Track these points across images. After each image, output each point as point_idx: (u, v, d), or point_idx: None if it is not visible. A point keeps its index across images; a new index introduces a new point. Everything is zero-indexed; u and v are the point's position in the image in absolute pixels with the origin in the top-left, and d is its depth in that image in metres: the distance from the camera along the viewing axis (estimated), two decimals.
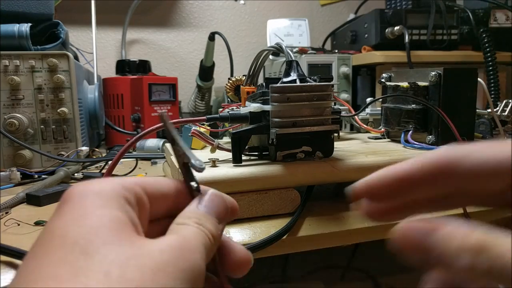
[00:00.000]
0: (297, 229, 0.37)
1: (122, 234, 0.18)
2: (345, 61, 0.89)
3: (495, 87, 0.82)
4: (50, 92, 0.60)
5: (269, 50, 0.48)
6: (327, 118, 0.41)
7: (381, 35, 0.91)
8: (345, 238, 0.37)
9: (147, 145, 0.76)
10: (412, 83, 0.53)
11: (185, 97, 1.17)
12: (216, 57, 1.07)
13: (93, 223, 0.18)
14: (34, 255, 0.17)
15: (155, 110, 0.91)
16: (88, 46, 1.02)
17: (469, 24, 0.90)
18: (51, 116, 0.61)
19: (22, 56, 0.59)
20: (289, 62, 0.43)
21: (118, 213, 0.19)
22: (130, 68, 0.98)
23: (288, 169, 0.40)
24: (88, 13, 0.89)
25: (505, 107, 0.56)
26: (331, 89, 0.42)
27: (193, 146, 0.56)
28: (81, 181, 0.58)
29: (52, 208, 0.44)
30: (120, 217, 0.19)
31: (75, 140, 0.62)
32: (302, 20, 1.10)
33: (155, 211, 0.22)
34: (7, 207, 0.44)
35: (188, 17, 1.26)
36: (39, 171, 0.59)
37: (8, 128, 0.57)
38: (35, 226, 0.38)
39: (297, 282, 0.70)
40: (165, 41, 1.25)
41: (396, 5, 1.10)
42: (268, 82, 0.42)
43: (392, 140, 0.61)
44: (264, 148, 0.45)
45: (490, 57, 0.83)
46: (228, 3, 1.29)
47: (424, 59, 0.88)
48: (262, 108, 0.41)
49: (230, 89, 0.58)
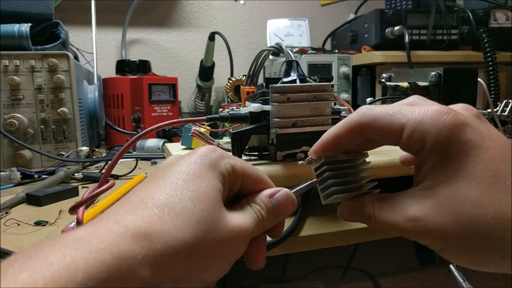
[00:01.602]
0: (297, 229, 0.37)
1: (215, 197, 0.24)
2: (345, 61, 0.89)
3: (495, 87, 0.82)
4: (50, 92, 0.60)
5: (269, 50, 0.48)
6: (327, 118, 0.41)
7: (381, 35, 0.91)
8: (345, 238, 0.37)
9: (147, 145, 0.76)
10: (412, 83, 0.53)
11: (185, 97, 1.17)
12: (216, 57, 1.08)
13: (204, 189, 0.24)
14: (151, 179, 0.25)
15: (155, 110, 0.91)
16: (88, 46, 1.02)
17: (469, 24, 0.90)
18: (51, 116, 0.61)
19: (22, 56, 0.59)
20: (289, 62, 0.43)
21: (219, 186, 0.25)
22: (130, 68, 0.98)
23: (288, 169, 0.40)
24: (88, 13, 0.89)
25: (505, 107, 0.56)
26: (331, 89, 0.42)
27: (193, 146, 0.56)
28: (81, 181, 0.58)
29: (52, 208, 0.44)
30: (219, 191, 0.25)
31: (75, 140, 0.62)
32: (302, 20, 1.10)
33: (244, 189, 0.28)
34: (7, 207, 0.44)
35: (188, 17, 1.26)
36: (39, 171, 0.59)
37: (8, 128, 0.57)
38: (35, 226, 0.38)
39: (297, 282, 0.70)
40: (165, 41, 1.25)
41: (396, 5, 1.10)
42: (268, 82, 0.42)
43: None
44: (264, 148, 0.45)
45: (490, 57, 0.83)
46: (228, 3, 1.29)
47: (424, 59, 0.88)
48: (262, 108, 0.41)
49: (230, 89, 0.58)
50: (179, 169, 0.25)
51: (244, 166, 0.28)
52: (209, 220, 0.23)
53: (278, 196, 0.28)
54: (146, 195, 0.22)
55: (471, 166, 0.24)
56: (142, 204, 0.22)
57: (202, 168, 0.25)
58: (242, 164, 0.28)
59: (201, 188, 0.24)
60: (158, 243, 0.20)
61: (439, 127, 0.25)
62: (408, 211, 0.26)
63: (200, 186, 0.24)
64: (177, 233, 0.21)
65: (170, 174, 0.24)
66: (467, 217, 0.23)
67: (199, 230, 0.22)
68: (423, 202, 0.25)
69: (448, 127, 0.24)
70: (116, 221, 0.20)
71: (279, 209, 0.28)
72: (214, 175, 0.25)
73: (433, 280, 0.68)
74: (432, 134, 0.25)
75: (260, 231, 0.27)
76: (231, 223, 0.24)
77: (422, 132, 0.25)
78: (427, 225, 0.25)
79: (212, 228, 0.23)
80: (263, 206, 0.27)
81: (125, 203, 0.22)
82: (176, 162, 0.26)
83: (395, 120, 0.26)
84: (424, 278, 0.69)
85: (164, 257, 0.20)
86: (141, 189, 0.24)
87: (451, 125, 0.24)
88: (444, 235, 0.24)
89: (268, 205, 0.28)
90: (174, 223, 0.21)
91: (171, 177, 0.24)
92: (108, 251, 0.18)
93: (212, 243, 0.23)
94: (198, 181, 0.24)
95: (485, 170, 0.24)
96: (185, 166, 0.25)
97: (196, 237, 0.22)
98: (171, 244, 0.20)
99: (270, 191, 0.29)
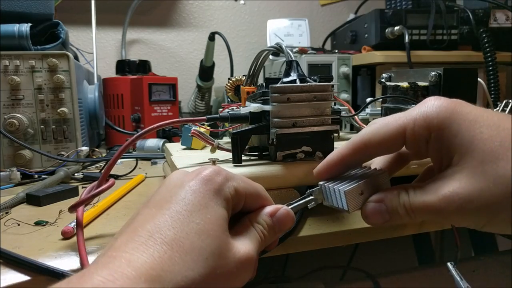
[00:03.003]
0: (297, 229, 0.37)
1: (220, 228, 0.25)
2: (345, 61, 0.89)
3: (495, 87, 0.82)
4: (50, 92, 0.60)
5: (269, 50, 0.48)
6: (327, 118, 0.41)
7: (381, 35, 0.91)
8: (345, 238, 0.37)
9: (147, 145, 0.76)
10: (412, 83, 0.53)
11: (185, 97, 1.17)
12: (216, 57, 1.08)
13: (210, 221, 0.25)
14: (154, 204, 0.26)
15: (155, 110, 0.91)
16: (88, 46, 1.02)
17: (469, 24, 0.90)
18: (51, 116, 0.61)
19: (22, 56, 0.59)
20: (289, 62, 0.43)
21: (224, 214, 0.26)
22: (130, 68, 0.98)
23: (288, 169, 0.40)
24: (88, 13, 0.89)
25: (505, 107, 0.56)
26: (331, 89, 0.42)
27: (193, 146, 0.56)
28: (81, 181, 0.58)
29: (52, 208, 0.44)
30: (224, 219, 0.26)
31: (75, 140, 0.62)
32: (302, 20, 1.10)
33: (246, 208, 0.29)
34: (7, 207, 0.44)
35: (188, 17, 1.26)
36: (39, 171, 0.59)
37: (8, 128, 0.57)
38: (35, 226, 0.38)
39: (297, 282, 0.70)
40: (165, 41, 1.25)
41: (396, 5, 1.10)
42: (268, 82, 0.42)
43: None
44: (264, 148, 0.45)
45: (490, 57, 0.83)
46: (228, 3, 1.29)
47: (424, 59, 0.88)
48: (262, 108, 0.41)
49: (230, 89, 0.58)
50: (184, 196, 0.25)
51: (246, 186, 0.29)
52: (216, 254, 0.23)
53: (279, 215, 0.29)
54: (154, 229, 0.23)
55: (483, 130, 0.25)
56: (151, 240, 0.22)
57: (207, 196, 0.26)
58: (244, 185, 0.29)
59: (206, 220, 0.24)
60: (169, 284, 0.21)
61: (437, 108, 0.26)
62: (443, 190, 0.25)
63: (206, 218, 0.24)
64: (186, 272, 0.22)
65: (175, 204, 0.25)
66: (505, 177, 0.23)
67: (208, 266, 0.23)
68: (455, 177, 0.25)
69: (445, 105, 0.26)
70: (128, 264, 0.21)
71: (279, 226, 0.29)
72: (219, 202, 0.26)
73: (433, 280, 0.68)
74: (434, 115, 0.26)
75: (261, 249, 0.29)
76: (238, 254, 0.25)
77: (424, 118, 0.26)
78: (468, 197, 0.24)
79: (220, 262, 0.24)
80: (265, 226, 0.29)
81: (134, 237, 0.23)
82: (181, 187, 0.26)
83: (395, 122, 0.28)
84: (424, 278, 0.69)
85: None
86: (147, 220, 0.24)
87: (446, 103, 0.26)
88: (487, 203, 0.24)
89: (270, 224, 0.29)
90: (183, 262, 0.22)
91: (177, 206, 0.25)
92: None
93: (220, 277, 0.23)
94: (203, 212, 0.25)
95: (497, 132, 0.25)
96: (190, 194, 0.25)
97: (205, 274, 0.22)
98: (181, 284, 0.21)
99: (271, 209, 0.30)
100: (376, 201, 0.29)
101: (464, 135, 0.25)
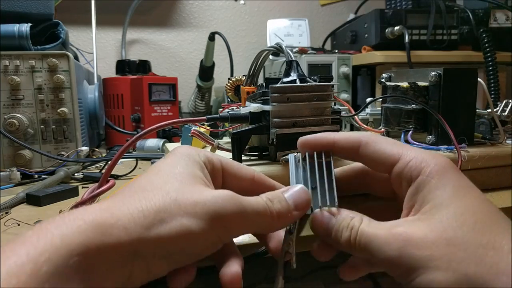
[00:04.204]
0: (297, 229, 0.37)
1: (194, 180, 0.26)
2: (345, 61, 0.89)
3: (495, 87, 0.82)
4: (50, 92, 0.60)
5: (269, 50, 0.48)
6: (327, 118, 0.41)
7: (381, 35, 0.91)
8: None
9: (147, 145, 0.76)
10: (412, 83, 0.53)
11: (185, 97, 1.17)
12: (216, 57, 1.08)
13: (178, 171, 0.26)
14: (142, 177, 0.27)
15: (155, 110, 0.91)
16: (88, 46, 1.02)
17: (469, 24, 0.90)
18: (51, 116, 0.61)
19: (22, 56, 0.59)
20: (289, 62, 0.43)
21: (196, 170, 0.27)
22: (130, 68, 0.98)
23: (288, 169, 0.40)
24: (88, 13, 0.89)
25: (505, 107, 0.56)
26: (331, 89, 0.42)
27: (193, 146, 0.56)
28: (81, 181, 0.58)
29: (52, 208, 0.44)
30: (196, 173, 0.27)
31: (75, 140, 0.62)
32: (302, 20, 1.10)
33: (228, 187, 0.28)
34: (7, 207, 0.44)
35: (188, 17, 1.26)
36: (39, 171, 0.59)
37: (8, 128, 0.57)
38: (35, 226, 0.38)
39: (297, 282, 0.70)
40: (165, 41, 1.25)
41: (396, 5, 1.10)
42: (268, 82, 0.42)
43: None
44: (264, 148, 0.45)
45: (490, 57, 0.83)
46: (228, 3, 1.29)
47: (424, 59, 0.88)
48: (262, 108, 0.41)
49: (230, 89, 0.58)
50: (155, 166, 0.28)
51: (222, 159, 0.30)
52: (179, 190, 0.25)
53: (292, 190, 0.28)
54: (117, 193, 0.26)
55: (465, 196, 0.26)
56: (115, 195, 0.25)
57: (176, 159, 0.28)
58: (219, 157, 0.30)
59: (172, 170, 0.27)
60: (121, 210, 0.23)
61: (437, 159, 0.28)
62: (396, 227, 0.25)
63: (172, 171, 0.27)
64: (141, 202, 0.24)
65: (146, 174, 0.28)
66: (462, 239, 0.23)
67: (169, 198, 0.24)
68: (416, 223, 0.25)
69: (444, 159, 0.28)
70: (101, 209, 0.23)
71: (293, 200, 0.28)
72: (189, 163, 0.28)
73: None
74: (431, 162, 0.27)
75: (274, 219, 0.26)
76: (207, 195, 0.25)
77: (421, 160, 0.28)
78: (414, 237, 0.24)
79: (180, 197, 0.24)
80: (275, 196, 0.27)
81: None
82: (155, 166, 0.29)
83: (393, 147, 0.29)
84: None
85: None
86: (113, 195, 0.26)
87: (445, 159, 0.28)
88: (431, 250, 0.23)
89: (281, 196, 0.27)
90: (142, 195, 0.24)
91: (147, 174, 0.28)
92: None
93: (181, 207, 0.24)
94: (170, 168, 0.27)
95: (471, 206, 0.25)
96: (161, 163, 0.28)
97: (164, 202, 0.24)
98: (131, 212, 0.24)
99: (283, 187, 0.30)
100: (330, 212, 0.28)
101: (451, 193, 0.26)
